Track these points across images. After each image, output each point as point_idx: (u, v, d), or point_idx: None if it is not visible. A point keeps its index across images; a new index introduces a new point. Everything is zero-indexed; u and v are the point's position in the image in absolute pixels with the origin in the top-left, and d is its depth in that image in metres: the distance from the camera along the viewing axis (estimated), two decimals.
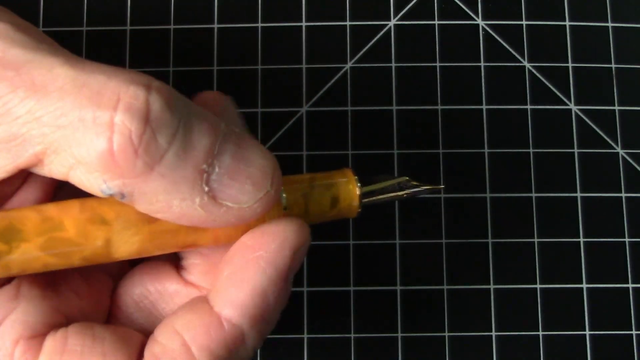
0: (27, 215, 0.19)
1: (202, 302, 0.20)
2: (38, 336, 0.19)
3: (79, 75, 0.17)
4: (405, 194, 0.24)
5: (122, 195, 0.17)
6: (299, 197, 0.21)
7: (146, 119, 0.17)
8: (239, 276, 0.19)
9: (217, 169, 0.18)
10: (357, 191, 0.22)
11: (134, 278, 0.22)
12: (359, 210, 0.23)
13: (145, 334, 0.21)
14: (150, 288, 0.22)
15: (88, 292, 0.21)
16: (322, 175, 0.22)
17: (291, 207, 0.21)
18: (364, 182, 0.23)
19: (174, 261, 0.22)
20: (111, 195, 0.18)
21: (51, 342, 0.19)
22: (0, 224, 0.18)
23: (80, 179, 0.18)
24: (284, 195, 0.21)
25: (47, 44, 0.18)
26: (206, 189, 0.18)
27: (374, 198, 0.23)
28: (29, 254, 0.18)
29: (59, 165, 0.18)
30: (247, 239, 0.20)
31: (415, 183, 0.24)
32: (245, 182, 0.18)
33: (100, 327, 0.20)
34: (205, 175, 0.18)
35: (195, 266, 0.22)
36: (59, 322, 0.20)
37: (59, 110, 0.17)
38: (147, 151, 0.17)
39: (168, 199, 0.17)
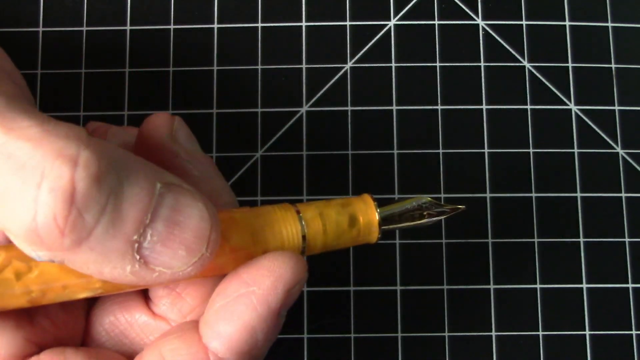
0: None
1: (191, 329, 0.20)
2: None
3: (6, 142, 0.16)
4: (428, 221, 0.23)
5: (53, 261, 0.17)
6: (315, 215, 0.21)
7: (71, 200, 0.16)
8: (229, 310, 0.19)
9: (149, 237, 0.17)
10: (376, 210, 0.22)
11: (105, 306, 0.22)
12: (380, 229, 0.22)
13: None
14: (120, 318, 0.22)
15: (64, 318, 0.21)
16: (340, 199, 0.23)
17: (308, 224, 0.21)
18: (382, 206, 0.23)
19: (143, 292, 0.22)
20: (42, 261, 0.17)
21: None
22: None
23: (13, 242, 0.17)
24: (302, 219, 0.21)
25: None
26: (137, 257, 0.17)
27: (395, 225, 0.23)
28: (49, 273, 0.19)
29: None
30: (242, 272, 0.20)
31: (434, 201, 0.24)
32: (178, 248, 0.18)
33: (72, 350, 0.20)
34: (136, 245, 0.17)
35: (160, 298, 0.21)
36: (32, 352, 0.20)
37: None
38: (74, 230, 0.16)
39: (99, 268, 0.17)
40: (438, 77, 0.34)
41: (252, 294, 0.19)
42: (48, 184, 0.16)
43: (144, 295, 0.22)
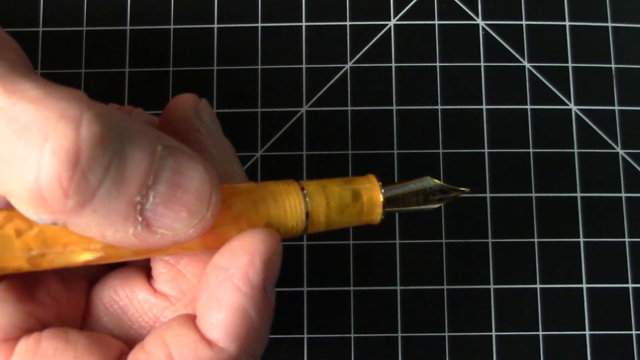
0: None
1: (194, 320, 0.20)
2: (11, 339, 0.19)
3: (8, 105, 0.16)
4: (432, 206, 0.23)
5: (55, 224, 0.17)
6: (319, 188, 0.21)
7: (75, 161, 0.16)
8: (216, 299, 0.19)
9: (151, 199, 0.17)
10: (380, 190, 0.22)
11: (106, 283, 0.22)
12: (383, 209, 0.22)
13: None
14: (120, 293, 0.21)
15: (66, 296, 0.21)
16: (344, 177, 0.22)
17: (311, 197, 0.21)
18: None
19: (146, 269, 0.22)
20: (46, 224, 0.17)
21: (24, 345, 0.19)
22: None
23: (14, 205, 0.17)
24: (307, 197, 0.21)
25: None
26: (140, 219, 0.17)
27: (399, 208, 0.23)
28: (50, 231, 0.19)
29: None
30: (217, 260, 0.20)
31: (438, 183, 0.23)
32: (180, 210, 0.18)
33: (75, 331, 0.20)
34: (139, 206, 0.17)
35: (161, 275, 0.21)
36: (34, 327, 0.20)
37: None
38: (78, 191, 0.16)
39: (101, 230, 0.17)
40: (438, 77, 0.34)
41: (232, 277, 0.19)
42: (51, 145, 0.16)
43: (145, 272, 0.22)
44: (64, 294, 0.21)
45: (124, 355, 0.19)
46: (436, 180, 0.23)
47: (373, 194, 0.22)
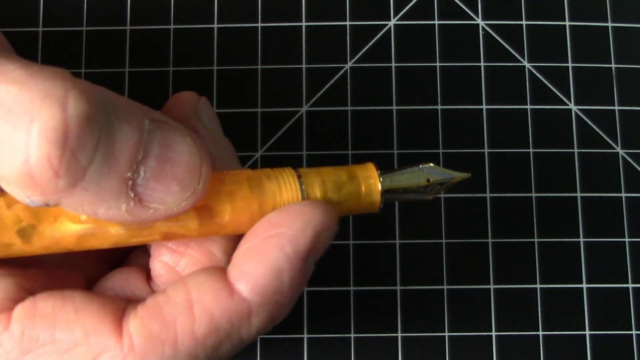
0: None
1: (220, 270, 0.19)
2: (5, 310, 0.19)
3: None
4: (431, 195, 0.22)
5: (47, 205, 0.17)
6: (313, 170, 0.21)
7: (64, 141, 0.16)
8: (257, 250, 0.19)
9: (142, 174, 0.17)
10: (379, 177, 0.22)
11: (105, 283, 0.22)
12: (382, 197, 0.22)
13: None
14: (120, 294, 0.21)
15: (59, 274, 0.21)
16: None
17: (306, 175, 0.21)
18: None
19: (146, 270, 0.22)
20: (37, 206, 0.17)
21: (20, 309, 0.19)
22: None
23: (5, 189, 0.17)
24: (303, 184, 0.21)
25: None
26: (132, 194, 0.17)
27: (398, 195, 0.22)
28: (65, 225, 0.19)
29: None
30: (272, 216, 0.19)
31: (438, 168, 0.23)
32: (171, 183, 0.18)
33: (69, 290, 0.19)
34: (130, 182, 0.17)
35: (160, 276, 0.21)
36: (26, 297, 0.19)
37: None
38: (68, 171, 0.16)
39: (93, 208, 0.17)
40: (438, 77, 0.34)
41: (281, 235, 0.19)
42: (38, 126, 0.15)
43: (145, 273, 0.22)
44: (57, 272, 0.21)
45: (127, 306, 0.19)
46: (436, 166, 0.23)
47: (370, 174, 0.22)
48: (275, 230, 0.19)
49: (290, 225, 0.19)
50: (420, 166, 0.22)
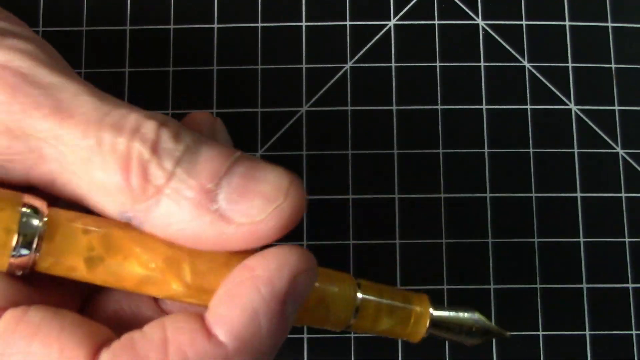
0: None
1: (199, 314, 0.19)
2: None
3: (102, 105, 0.19)
4: (473, 342, 0.24)
5: (140, 221, 0.18)
6: (372, 300, 0.22)
7: (156, 148, 0.18)
8: (233, 293, 0.19)
9: (224, 188, 0.18)
10: (430, 305, 0.23)
11: (111, 294, 0.22)
12: (429, 328, 0.23)
13: None
14: (125, 307, 0.21)
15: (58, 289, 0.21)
16: (400, 291, 0.23)
17: (365, 288, 0.22)
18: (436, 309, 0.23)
19: None
20: (128, 219, 0.19)
21: (10, 312, 0.19)
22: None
23: (96, 202, 0.19)
24: (360, 293, 0.22)
25: (70, 71, 0.20)
26: (214, 207, 0.18)
27: (444, 317, 0.23)
28: (114, 236, 0.19)
29: (75, 187, 0.19)
30: (247, 260, 0.19)
31: (484, 321, 0.24)
32: (254, 198, 0.18)
33: (64, 310, 0.19)
34: (212, 194, 0.18)
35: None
36: (23, 303, 0.19)
37: (81, 133, 0.18)
38: (156, 176, 0.18)
39: (179, 221, 0.18)
40: (438, 77, 0.34)
41: (256, 278, 0.19)
42: (140, 135, 0.18)
43: None
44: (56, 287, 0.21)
45: (112, 339, 0.19)
46: (484, 318, 0.24)
47: (423, 309, 0.23)
48: (251, 273, 0.19)
49: (265, 267, 0.19)
50: (470, 315, 0.23)
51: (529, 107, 0.33)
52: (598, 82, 0.34)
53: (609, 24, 0.34)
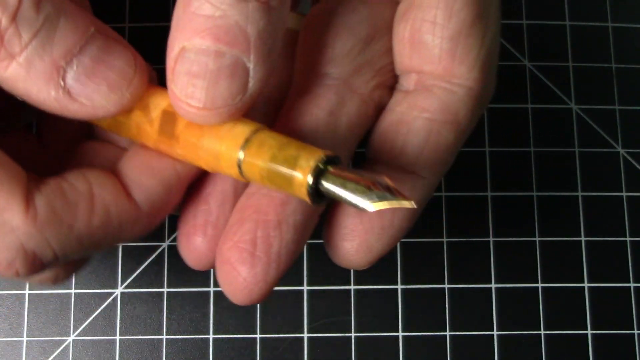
0: None
1: (115, 176, 0.21)
2: None
3: None
4: (370, 202, 0.17)
5: None
6: (271, 138, 0.18)
7: (14, 16, 0.18)
8: (154, 166, 0.20)
9: (75, 67, 0.19)
10: (306, 190, 0.18)
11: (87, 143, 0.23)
12: (312, 187, 0.18)
13: None
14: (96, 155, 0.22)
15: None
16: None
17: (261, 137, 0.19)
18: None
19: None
20: None
21: None
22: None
23: None
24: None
25: None
26: (62, 84, 0.19)
27: (334, 190, 0.18)
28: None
29: None
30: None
31: (390, 185, 0.18)
32: (100, 82, 0.19)
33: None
34: (62, 71, 0.18)
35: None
36: None
37: None
38: (10, 43, 0.18)
39: (27, 88, 0.19)
40: None
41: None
42: (1, 5, 0.18)
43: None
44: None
45: (37, 182, 0.19)
46: (389, 181, 0.18)
47: (304, 173, 0.18)
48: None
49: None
50: (372, 174, 0.18)
51: (529, 106, 0.33)
52: (598, 82, 0.34)
53: (609, 24, 0.34)
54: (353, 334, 0.31)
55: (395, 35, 0.21)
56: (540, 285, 0.32)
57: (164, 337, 0.31)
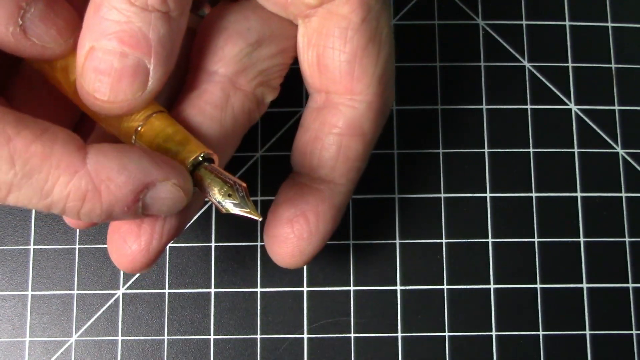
0: None
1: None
2: None
3: None
4: (224, 206, 0.21)
5: None
6: (165, 126, 0.22)
7: None
8: (122, 149, 0.21)
9: (32, 10, 0.20)
10: (198, 158, 0.21)
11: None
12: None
13: None
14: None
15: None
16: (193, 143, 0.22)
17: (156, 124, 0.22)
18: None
19: None
20: None
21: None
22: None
23: None
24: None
25: None
26: (20, 22, 0.20)
27: (208, 172, 0.22)
28: None
29: None
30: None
31: (243, 194, 0.21)
32: (51, 27, 0.21)
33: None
34: (22, 11, 0.20)
35: None
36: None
37: None
38: None
39: None
40: (438, 77, 0.34)
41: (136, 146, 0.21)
42: None
43: None
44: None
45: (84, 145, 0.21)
46: (246, 192, 0.22)
47: (189, 153, 0.21)
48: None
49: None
50: (236, 182, 0.22)
51: (529, 106, 0.33)
52: (598, 82, 0.34)
53: (609, 24, 0.34)
54: (352, 335, 0.31)
55: (304, 60, 0.25)
56: (539, 286, 0.32)
57: (166, 337, 0.31)
